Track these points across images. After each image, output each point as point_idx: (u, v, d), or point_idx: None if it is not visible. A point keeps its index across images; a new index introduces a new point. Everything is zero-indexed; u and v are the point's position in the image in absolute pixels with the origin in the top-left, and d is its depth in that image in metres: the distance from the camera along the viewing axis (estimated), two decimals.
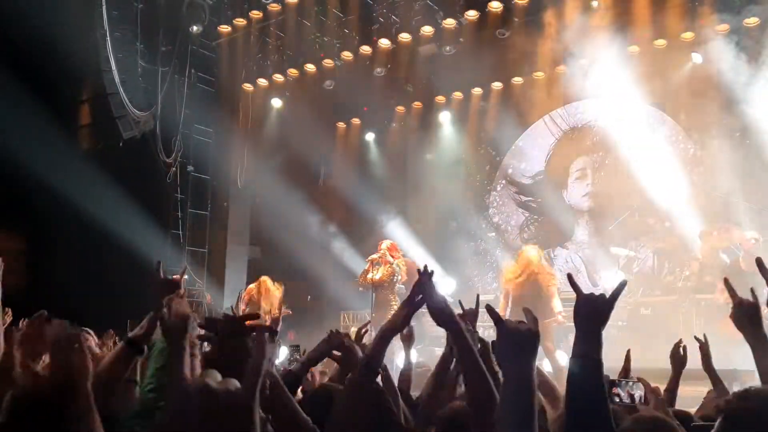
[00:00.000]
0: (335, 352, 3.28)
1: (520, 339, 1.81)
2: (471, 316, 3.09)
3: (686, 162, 11.79)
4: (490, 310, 1.97)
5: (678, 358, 3.63)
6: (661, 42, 11.35)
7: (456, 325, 2.24)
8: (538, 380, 3.25)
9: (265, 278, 9.42)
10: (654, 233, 11.36)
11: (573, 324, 1.87)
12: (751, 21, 10.53)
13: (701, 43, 11.08)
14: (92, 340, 3.52)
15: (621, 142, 12.11)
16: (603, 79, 11.93)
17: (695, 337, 3.63)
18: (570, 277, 2.17)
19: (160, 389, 2.45)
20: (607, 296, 1.89)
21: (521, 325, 1.84)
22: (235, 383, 1.73)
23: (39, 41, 10.38)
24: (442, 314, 2.24)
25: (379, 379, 2.74)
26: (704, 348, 3.58)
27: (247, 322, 2.24)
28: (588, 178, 13.22)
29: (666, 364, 3.70)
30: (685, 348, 3.65)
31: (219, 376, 1.45)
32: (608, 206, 12.12)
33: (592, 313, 1.86)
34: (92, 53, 11.35)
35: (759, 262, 2.48)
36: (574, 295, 1.93)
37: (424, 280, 2.32)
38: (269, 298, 9.05)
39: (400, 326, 2.40)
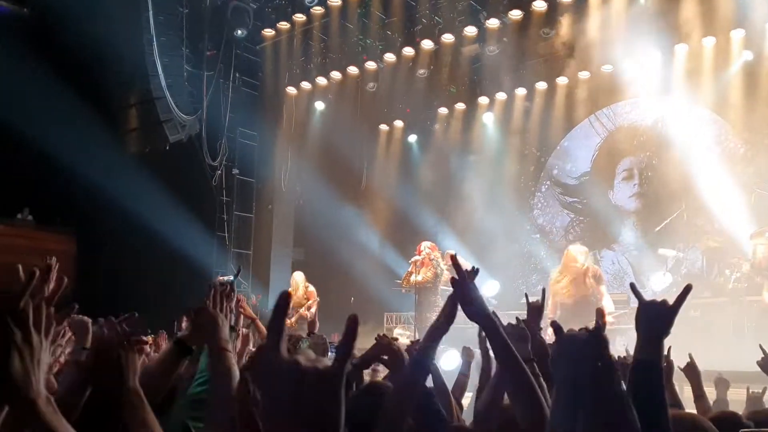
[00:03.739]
0: (383, 357, 3.14)
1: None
2: (535, 310, 2.93)
3: (736, 162, 11.52)
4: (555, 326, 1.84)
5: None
6: (710, 39, 11.12)
7: (491, 322, 2.11)
8: None
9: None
10: (703, 234, 11.10)
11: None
12: None
13: (752, 39, 10.84)
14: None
15: (668, 142, 11.91)
16: (650, 77, 11.76)
17: (760, 346, 3.62)
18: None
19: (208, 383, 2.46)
20: (670, 303, 1.80)
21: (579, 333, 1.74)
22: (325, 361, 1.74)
23: (88, 47, 10.62)
24: (473, 309, 2.14)
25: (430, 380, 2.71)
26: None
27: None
28: (635, 178, 13.00)
29: (714, 366, 3.66)
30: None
31: (312, 354, 1.42)
32: (655, 207, 11.90)
33: (653, 320, 1.79)
34: (139, 58, 11.56)
35: None
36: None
37: (462, 275, 2.20)
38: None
39: (445, 324, 2.28)
